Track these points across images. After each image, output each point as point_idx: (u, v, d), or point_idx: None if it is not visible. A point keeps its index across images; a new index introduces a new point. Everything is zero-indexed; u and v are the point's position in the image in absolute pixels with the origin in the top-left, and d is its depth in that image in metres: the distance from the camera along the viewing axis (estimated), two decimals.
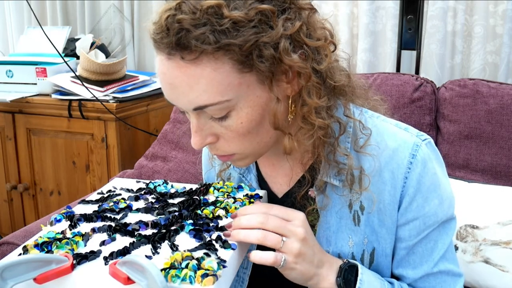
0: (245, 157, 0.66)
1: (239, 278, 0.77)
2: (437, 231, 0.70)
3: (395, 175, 0.68)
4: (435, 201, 0.68)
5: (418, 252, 0.71)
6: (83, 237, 0.61)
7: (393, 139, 0.69)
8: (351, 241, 0.71)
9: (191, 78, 0.56)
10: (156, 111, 1.87)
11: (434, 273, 0.71)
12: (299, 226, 0.61)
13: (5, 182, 1.89)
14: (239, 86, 0.57)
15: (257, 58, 0.56)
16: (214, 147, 0.64)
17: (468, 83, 1.33)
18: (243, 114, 0.59)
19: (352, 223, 0.70)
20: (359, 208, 0.70)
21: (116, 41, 2.11)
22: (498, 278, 1.11)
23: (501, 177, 1.27)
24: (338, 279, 0.64)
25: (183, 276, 0.52)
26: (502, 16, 1.55)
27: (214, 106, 0.57)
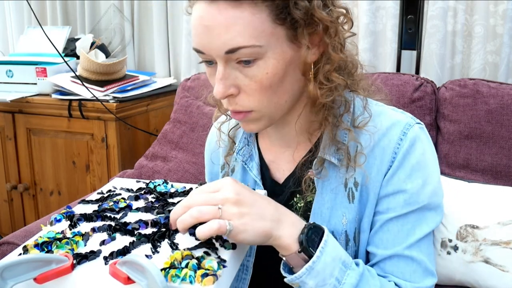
0: (260, 118, 0.67)
1: (243, 266, 0.78)
2: (416, 215, 0.70)
3: (385, 150, 0.70)
4: (418, 180, 0.69)
5: (392, 230, 0.70)
6: (83, 237, 0.60)
7: (388, 119, 0.72)
8: (345, 219, 0.71)
9: (229, 20, 0.59)
10: (156, 111, 1.87)
11: (404, 257, 0.69)
12: (228, 192, 0.58)
13: (5, 182, 1.89)
14: (270, 36, 0.61)
15: (292, 7, 0.60)
16: (234, 101, 0.66)
17: (468, 83, 1.33)
18: (269, 65, 0.62)
19: (346, 201, 0.72)
20: (353, 185, 0.71)
21: (116, 41, 2.11)
22: (498, 278, 1.11)
23: (501, 177, 1.27)
24: (300, 235, 0.61)
25: (183, 276, 0.52)
26: (502, 16, 1.55)
27: (246, 49, 0.60)
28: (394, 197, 0.70)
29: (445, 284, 1.17)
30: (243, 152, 0.81)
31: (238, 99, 0.65)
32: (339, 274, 0.62)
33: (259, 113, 0.66)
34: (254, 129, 0.70)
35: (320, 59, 0.66)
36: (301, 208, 0.75)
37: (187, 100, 1.61)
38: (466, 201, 1.18)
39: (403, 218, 0.70)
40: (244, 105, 0.65)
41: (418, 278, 0.69)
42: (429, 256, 0.71)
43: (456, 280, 1.16)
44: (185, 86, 1.68)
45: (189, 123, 1.54)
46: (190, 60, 1.96)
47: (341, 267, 0.62)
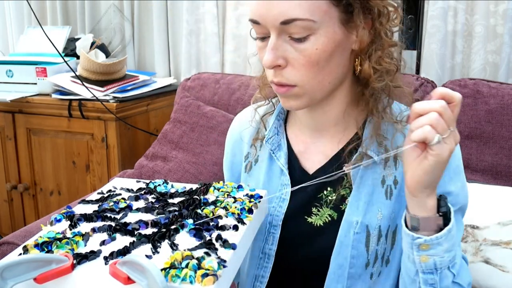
0: (302, 95, 0.69)
1: (264, 255, 0.79)
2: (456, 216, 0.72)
3: None
4: (458, 183, 0.73)
5: None
6: (83, 237, 0.60)
7: None
8: (380, 214, 0.74)
9: None
10: (156, 111, 1.87)
11: None
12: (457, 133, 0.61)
13: (5, 182, 1.89)
14: (324, 14, 0.64)
15: None
16: (280, 73, 0.68)
17: (469, 83, 1.33)
18: (320, 41, 0.65)
19: (384, 197, 0.74)
20: (393, 182, 0.74)
21: (116, 41, 2.11)
22: (499, 278, 1.11)
23: (502, 177, 1.27)
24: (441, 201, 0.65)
25: (183, 276, 0.52)
26: (502, 16, 1.54)
27: (301, 22, 0.63)
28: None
29: None
30: (272, 141, 0.81)
31: (284, 72, 0.67)
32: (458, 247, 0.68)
33: (302, 89, 0.68)
34: (293, 106, 0.71)
35: (372, 44, 0.69)
36: (332, 201, 0.76)
37: (187, 100, 1.61)
38: None
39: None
40: (289, 78, 0.67)
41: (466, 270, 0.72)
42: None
43: None
44: (185, 86, 1.68)
45: (189, 123, 1.53)
46: (190, 60, 1.96)
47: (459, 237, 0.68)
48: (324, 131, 0.78)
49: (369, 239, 0.74)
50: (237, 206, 0.69)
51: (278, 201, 0.79)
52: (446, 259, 0.65)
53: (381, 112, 0.73)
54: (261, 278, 0.80)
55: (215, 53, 1.91)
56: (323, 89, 0.70)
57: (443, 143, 0.59)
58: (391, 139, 0.73)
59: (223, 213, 0.67)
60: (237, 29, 1.89)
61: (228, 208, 0.68)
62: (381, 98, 0.73)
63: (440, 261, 0.65)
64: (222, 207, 0.69)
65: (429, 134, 0.58)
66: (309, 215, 0.77)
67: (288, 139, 0.82)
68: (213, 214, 0.67)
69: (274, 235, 0.78)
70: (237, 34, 1.90)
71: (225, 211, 0.68)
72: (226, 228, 0.63)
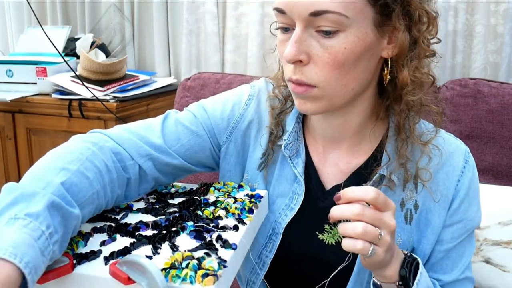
0: (321, 98, 0.63)
1: (260, 260, 0.75)
2: (468, 238, 0.73)
3: (449, 176, 0.71)
4: (474, 207, 0.72)
5: (451, 257, 0.73)
6: (84, 237, 0.60)
7: (449, 143, 0.73)
8: (399, 239, 0.71)
9: None
10: (157, 111, 1.86)
11: (460, 280, 0.73)
12: (392, 218, 0.59)
13: (5, 182, 1.89)
14: (359, 12, 0.59)
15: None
16: (300, 70, 0.62)
17: (469, 82, 1.33)
18: (349, 40, 0.59)
19: (403, 222, 0.71)
20: (413, 206, 0.71)
21: (116, 41, 2.11)
22: (499, 278, 1.10)
23: (502, 177, 1.27)
24: (402, 270, 0.63)
25: (184, 276, 0.52)
26: (503, 16, 1.54)
27: (332, 14, 0.58)
28: (458, 225, 0.72)
29: None
30: (291, 147, 0.74)
31: (305, 69, 0.62)
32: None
33: (322, 91, 0.62)
34: (309, 109, 0.65)
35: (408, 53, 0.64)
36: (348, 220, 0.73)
37: (187, 100, 1.60)
38: None
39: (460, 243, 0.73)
40: (309, 77, 0.62)
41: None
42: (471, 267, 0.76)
43: None
44: (185, 86, 1.68)
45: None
46: (190, 59, 1.96)
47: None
48: (339, 142, 0.73)
49: None
50: (237, 206, 0.69)
51: (285, 208, 0.74)
52: None
53: (407, 132, 0.67)
54: (252, 284, 0.77)
55: (215, 53, 1.91)
56: (344, 95, 0.64)
57: (377, 248, 0.58)
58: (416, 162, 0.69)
59: (223, 214, 0.67)
60: (237, 28, 1.89)
61: (229, 209, 0.68)
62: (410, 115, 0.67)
63: None
64: (222, 207, 0.68)
65: (362, 251, 0.57)
66: (321, 232, 0.73)
67: (307, 145, 0.76)
68: (213, 215, 0.67)
69: (274, 243, 0.74)
70: (237, 34, 1.89)
71: (226, 212, 0.67)
72: (227, 229, 0.63)
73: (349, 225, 0.58)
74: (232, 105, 0.79)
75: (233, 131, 0.78)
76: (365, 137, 0.72)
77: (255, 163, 0.78)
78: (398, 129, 0.68)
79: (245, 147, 0.79)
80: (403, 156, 0.68)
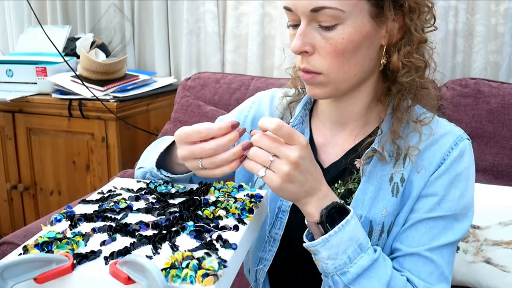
0: (326, 83, 0.70)
1: (271, 238, 0.80)
2: (446, 222, 0.73)
3: (435, 155, 0.73)
4: (456, 190, 0.73)
5: (420, 230, 0.72)
6: (84, 237, 0.60)
7: (443, 127, 0.76)
8: (385, 211, 0.74)
9: None
10: (157, 111, 1.86)
11: (425, 257, 0.71)
12: (295, 150, 0.62)
13: (5, 181, 1.89)
14: (354, 5, 0.65)
15: None
16: (306, 60, 0.70)
17: (470, 82, 1.33)
18: (347, 31, 0.66)
19: (390, 194, 0.74)
20: (400, 180, 0.74)
21: (116, 40, 2.10)
22: (499, 278, 1.10)
23: (503, 177, 1.27)
24: (323, 210, 0.65)
25: (184, 276, 0.51)
26: (503, 15, 1.54)
27: (329, 10, 0.65)
28: (432, 199, 0.73)
29: None
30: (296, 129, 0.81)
31: (311, 59, 0.69)
32: (352, 254, 0.66)
33: (326, 78, 0.70)
34: (318, 94, 0.72)
35: (401, 40, 0.70)
36: (340, 195, 0.77)
37: (187, 99, 1.60)
38: None
39: (433, 221, 0.73)
40: (315, 65, 0.69)
41: (433, 280, 0.71)
42: (449, 264, 0.73)
43: (457, 280, 1.15)
44: (185, 85, 1.67)
45: (190, 123, 1.53)
46: (190, 59, 1.96)
47: (356, 248, 0.66)
48: (345, 124, 0.79)
49: (371, 234, 0.74)
50: (238, 206, 0.69)
51: None
52: (330, 266, 0.66)
53: (403, 111, 0.73)
54: (264, 261, 0.81)
55: (216, 52, 1.91)
56: (348, 80, 0.71)
57: (270, 172, 0.62)
58: (405, 138, 0.73)
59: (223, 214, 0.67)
60: (237, 28, 1.89)
61: (229, 209, 0.68)
62: (407, 97, 0.73)
63: (325, 267, 0.67)
64: (222, 207, 0.68)
65: (252, 170, 0.63)
66: None
67: (312, 129, 0.83)
68: (213, 215, 0.67)
69: (282, 220, 0.79)
70: (237, 34, 1.89)
71: (226, 212, 0.67)
72: (227, 229, 0.63)
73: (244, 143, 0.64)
74: (239, 112, 0.92)
75: None
76: (370, 120, 0.78)
77: None
78: (395, 110, 0.74)
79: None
80: (395, 132, 0.73)
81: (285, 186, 0.62)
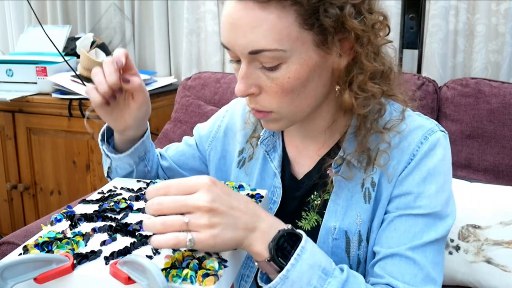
0: (280, 119, 0.67)
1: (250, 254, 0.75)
2: (427, 220, 0.68)
3: (404, 151, 0.69)
4: (432, 186, 0.68)
5: (399, 230, 0.68)
6: (84, 237, 0.60)
7: (413, 122, 0.71)
8: (359, 219, 0.71)
9: (255, 20, 0.59)
10: (157, 111, 1.86)
11: (406, 257, 0.66)
12: (202, 198, 0.53)
13: (5, 181, 1.89)
14: (295, 40, 0.60)
15: (322, 14, 0.59)
16: (254, 100, 0.66)
17: (470, 82, 1.33)
18: (292, 69, 0.61)
19: (362, 201, 0.71)
20: (370, 184, 0.71)
21: (116, 40, 2.10)
22: (500, 278, 1.10)
23: (503, 176, 1.27)
24: (270, 243, 0.57)
25: (184, 276, 0.51)
26: (504, 15, 1.54)
27: (269, 52, 0.60)
28: (406, 197, 0.68)
29: (447, 284, 1.17)
30: (267, 142, 0.80)
31: (259, 99, 0.65)
32: (318, 283, 0.57)
33: (279, 115, 0.66)
34: (274, 129, 0.69)
35: (353, 68, 0.65)
36: (318, 206, 0.74)
37: (187, 99, 1.60)
38: (468, 201, 1.17)
39: (412, 219, 0.68)
40: (264, 105, 0.65)
41: (418, 283, 0.66)
42: (435, 264, 0.67)
43: (458, 280, 1.15)
44: (185, 85, 1.67)
45: (190, 123, 1.53)
46: (190, 59, 1.96)
47: (321, 275, 0.58)
48: (314, 137, 0.76)
49: (349, 245, 0.71)
50: None
51: (269, 202, 0.78)
52: None
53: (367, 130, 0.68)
54: (246, 277, 0.79)
55: (216, 52, 1.91)
56: (303, 111, 0.67)
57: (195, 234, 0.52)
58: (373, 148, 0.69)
59: None
60: None
61: None
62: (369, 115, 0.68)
63: None
64: None
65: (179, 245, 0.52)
66: (300, 219, 0.76)
67: (284, 141, 0.80)
68: None
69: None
70: None
71: None
72: None
73: (148, 221, 0.53)
74: (214, 121, 0.91)
75: (213, 140, 0.88)
76: (338, 128, 0.75)
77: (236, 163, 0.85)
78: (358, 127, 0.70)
79: (226, 153, 0.87)
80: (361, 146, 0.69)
81: (217, 238, 0.53)
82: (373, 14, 0.63)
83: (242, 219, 0.56)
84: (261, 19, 0.58)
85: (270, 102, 0.64)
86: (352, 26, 0.60)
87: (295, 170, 0.78)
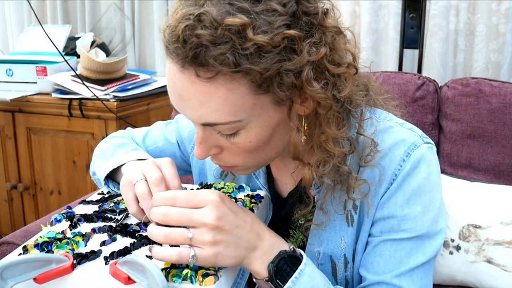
0: (248, 168, 0.65)
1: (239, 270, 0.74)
2: (413, 243, 0.64)
3: (385, 171, 0.64)
4: (417, 207, 0.64)
5: (384, 255, 0.65)
6: (84, 237, 0.60)
7: (392, 137, 0.66)
8: (344, 243, 0.68)
9: (203, 95, 0.53)
10: (157, 110, 1.86)
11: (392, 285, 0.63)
12: (209, 213, 0.53)
13: (5, 181, 1.89)
14: (252, 107, 0.55)
15: (277, 85, 0.53)
16: (217, 158, 0.62)
17: (471, 82, 1.33)
18: (252, 133, 0.57)
19: (345, 224, 0.68)
20: (352, 207, 0.67)
21: (116, 40, 2.10)
22: (501, 278, 1.10)
23: (504, 176, 1.27)
24: (270, 265, 0.56)
25: (184, 276, 0.51)
26: (505, 15, 1.54)
27: (224, 125, 0.56)
28: (389, 221, 0.65)
29: (448, 284, 1.17)
30: None
31: (221, 157, 0.62)
32: None
33: (245, 166, 0.63)
34: (244, 174, 0.68)
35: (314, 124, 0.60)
36: (302, 226, 0.72)
37: None
38: (469, 201, 1.17)
39: (398, 243, 0.64)
40: (227, 162, 0.62)
41: None
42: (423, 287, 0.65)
43: (459, 280, 1.15)
44: None
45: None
46: None
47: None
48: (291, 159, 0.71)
49: (335, 269, 0.69)
50: None
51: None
52: None
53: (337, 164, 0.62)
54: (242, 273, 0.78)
55: None
56: (270, 159, 0.64)
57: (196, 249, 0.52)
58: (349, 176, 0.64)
59: None
60: None
61: None
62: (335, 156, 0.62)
63: None
64: None
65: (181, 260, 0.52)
66: (288, 237, 0.75)
67: None
68: None
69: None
70: None
71: None
72: None
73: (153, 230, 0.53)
74: None
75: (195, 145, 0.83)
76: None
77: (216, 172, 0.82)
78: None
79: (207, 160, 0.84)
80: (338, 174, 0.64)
81: (219, 256, 0.53)
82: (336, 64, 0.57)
83: (245, 238, 0.56)
84: (210, 93, 0.53)
85: (234, 159, 0.61)
86: (311, 94, 0.55)
87: (280, 189, 0.76)
